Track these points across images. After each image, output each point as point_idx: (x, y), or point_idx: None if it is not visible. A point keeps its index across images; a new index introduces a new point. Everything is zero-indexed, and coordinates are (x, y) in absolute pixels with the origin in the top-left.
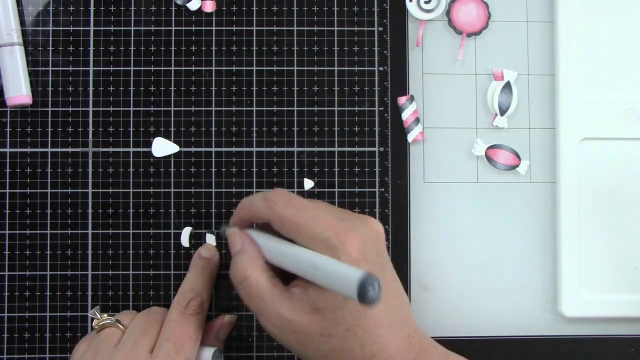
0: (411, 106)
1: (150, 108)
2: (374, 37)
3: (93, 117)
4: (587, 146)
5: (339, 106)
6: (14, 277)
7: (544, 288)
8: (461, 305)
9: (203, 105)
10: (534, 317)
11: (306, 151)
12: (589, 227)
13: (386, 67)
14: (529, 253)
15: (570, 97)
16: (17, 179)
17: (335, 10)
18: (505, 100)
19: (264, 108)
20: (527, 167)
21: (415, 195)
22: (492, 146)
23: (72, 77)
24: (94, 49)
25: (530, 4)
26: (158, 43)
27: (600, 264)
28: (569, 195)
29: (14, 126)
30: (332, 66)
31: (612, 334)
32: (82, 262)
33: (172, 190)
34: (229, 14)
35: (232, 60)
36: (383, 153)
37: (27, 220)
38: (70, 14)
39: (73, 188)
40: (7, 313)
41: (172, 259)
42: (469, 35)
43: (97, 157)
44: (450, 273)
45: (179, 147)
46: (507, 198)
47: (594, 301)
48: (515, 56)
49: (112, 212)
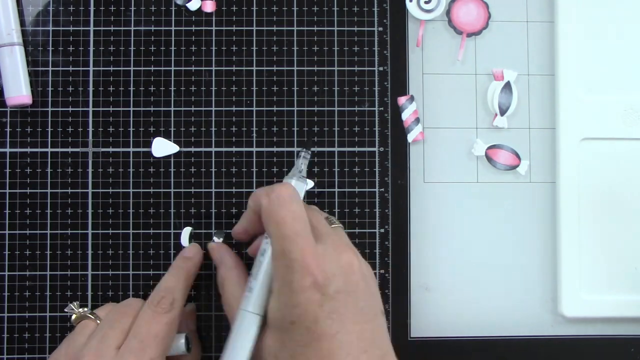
0: (411, 106)
1: (150, 108)
2: (374, 37)
3: (93, 117)
4: (587, 146)
5: (339, 106)
6: (14, 277)
7: (544, 288)
8: (461, 305)
9: (203, 105)
10: (534, 317)
11: None
12: (589, 227)
13: (386, 67)
14: (529, 253)
15: (570, 97)
16: (17, 179)
17: (335, 10)
18: (505, 100)
19: (264, 108)
20: (527, 167)
21: (415, 195)
22: (492, 146)
23: (72, 77)
24: (94, 49)
25: (530, 4)
26: (158, 43)
27: (600, 264)
28: (569, 195)
29: (14, 126)
30: (332, 66)
31: (612, 334)
32: (82, 262)
33: (172, 190)
34: (229, 14)
35: (232, 60)
36: (383, 153)
37: (27, 220)
38: (70, 14)
39: (73, 188)
40: (7, 313)
41: (172, 259)
42: (469, 35)
43: (97, 157)
44: (450, 273)
45: (179, 147)
46: (507, 198)
47: (594, 301)
48: (515, 56)
49: (112, 212)
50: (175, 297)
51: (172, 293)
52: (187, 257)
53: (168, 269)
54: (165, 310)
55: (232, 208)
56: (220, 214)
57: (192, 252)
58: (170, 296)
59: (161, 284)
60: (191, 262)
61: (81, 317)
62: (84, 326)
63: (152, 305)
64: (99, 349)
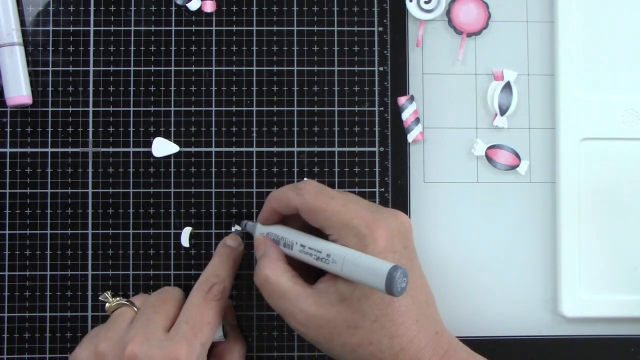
0: (411, 106)
1: (150, 108)
2: (374, 37)
3: (93, 117)
4: (587, 146)
5: (339, 106)
6: (14, 277)
7: (544, 288)
8: (461, 305)
9: (203, 105)
10: (534, 317)
11: (306, 151)
12: (589, 227)
13: (386, 67)
14: (529, 253)
15: (570, 97)
16: (17, 179)
17: (335, 10)
18: (505, 100)
19: (264, 108)
20: (527, 167)
21: (415, 195)
22: (492, 146)
23: (72, 77)
24: (94, 49)
25: (530, 4)
26: (158, 43)
27: (600, 264)
28: (569, 195)
29: (14, 126)
30: (332, 66)
31: (612, 334)
32: (82, 262)
33: (172, 190)
34: (229, 14)
35: (232, 60)
36: (383, 153)
37: (27, 220)
38: (70, 14)
39: (73, 188)
40: (7, 313)
41: (172, 259)
42: (469, 35)
43: (97, 157)
44: (450, 273)
45: (179, 147)
46: (507, 198)
47: (594, 301)
48: (515, 56)
49: (112, 212)
50: (225, 285)
51: (223, 281)
52: (232, 247)
53: (213, 256)
54: (217, 298)
55: (232, 208)
56: (220, 214)
57: (236, 241)
58: (221, 284)
59: (209, 271)
60: (237, 252)
61: (118, 305)
62: (121, 313)
63: (203, 292)
64: (146, 332)
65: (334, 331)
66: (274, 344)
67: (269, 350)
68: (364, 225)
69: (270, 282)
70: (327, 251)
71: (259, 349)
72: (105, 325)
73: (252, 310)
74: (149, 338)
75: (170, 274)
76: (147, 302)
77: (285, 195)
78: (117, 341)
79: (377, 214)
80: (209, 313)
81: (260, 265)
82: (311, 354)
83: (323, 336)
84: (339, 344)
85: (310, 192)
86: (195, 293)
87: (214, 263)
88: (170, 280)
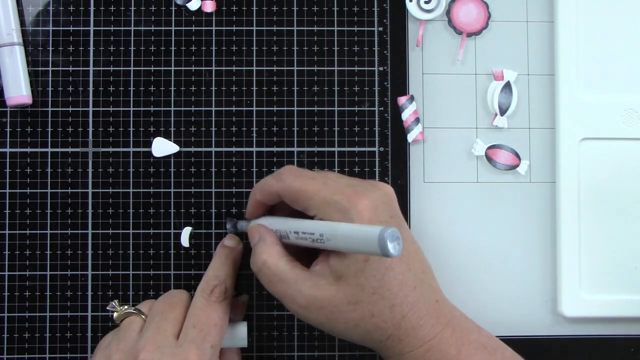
0: (411, 106)
1: (150, 108)
2: (374, 37)
3: (93, 117)
4: (587, 146)
5: (339, 106)
6: (14, 277)
7: (544, 288)
8: (461, 305)
9: (203, 105)
10: (534, 317)
11: (306, 151)
12: (589, 227)
13: (386, 67)
14: (529, 253)
15: (570, 97)
16: (17, 179)
17: (335, 10)
18: (505, 100)
19: (264, 108)
20: (527, 167)
21: (415, 195)
22: (492, 146)
23: (72, 77)
24: (94, 49)
25: (530, 4)
26: (158, 43)
27: (600, 264)
28: (568, 195)
29: (14, 126)
30: (332, 66)
31: (612, 334)
32: (82, 262)
33: (172, 190)
34: (229, 14)
35: (232, 60)
36: (383, 153)
37: (27, 220)
38: (70, 14)
39: (73, 188)
40: (7, 313)
41: (172, 259)
42: (469, 35)
43: (97, 157)
44: (449, 273)
45: (179, 147)
46: (507, 198)
47: (594, 301)
48: (515, 56)
49: (112, 212)
50: (227, 285)
51: (224, 282)
52: (231, 247)
53: (213, 258)
54: (220, 299)
55: (232, 208)
56: (220, 214)
57: (235, 241)
58: (223, 285)
59: (209, 274)
60: (236, 252)
61: (125, 314)
62: (130, 322)
63: (206, 295)
64: (156, 340)
65: (335, 310)
66: (274, 344)
67: (269, 350)
68: (346, 200)
69: (268, 266)
70: (319, 231)
71: (259, 349)
72: (116, 335)
73: (252, 310)
74: (160, 345)
75: (170, 274)
76: (155, 308)
77: (266, 184)
78: (129, 351)
79: (358, 187)
80: (214, 315)
81: (257, 250)
82: (311, 354)
83: (325, 316)
84: (341, 321)
85: (289, 176)
86: (199, 297)
87: (214, 265)
88: (170, 280)
